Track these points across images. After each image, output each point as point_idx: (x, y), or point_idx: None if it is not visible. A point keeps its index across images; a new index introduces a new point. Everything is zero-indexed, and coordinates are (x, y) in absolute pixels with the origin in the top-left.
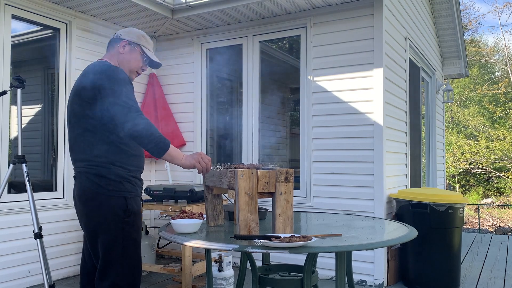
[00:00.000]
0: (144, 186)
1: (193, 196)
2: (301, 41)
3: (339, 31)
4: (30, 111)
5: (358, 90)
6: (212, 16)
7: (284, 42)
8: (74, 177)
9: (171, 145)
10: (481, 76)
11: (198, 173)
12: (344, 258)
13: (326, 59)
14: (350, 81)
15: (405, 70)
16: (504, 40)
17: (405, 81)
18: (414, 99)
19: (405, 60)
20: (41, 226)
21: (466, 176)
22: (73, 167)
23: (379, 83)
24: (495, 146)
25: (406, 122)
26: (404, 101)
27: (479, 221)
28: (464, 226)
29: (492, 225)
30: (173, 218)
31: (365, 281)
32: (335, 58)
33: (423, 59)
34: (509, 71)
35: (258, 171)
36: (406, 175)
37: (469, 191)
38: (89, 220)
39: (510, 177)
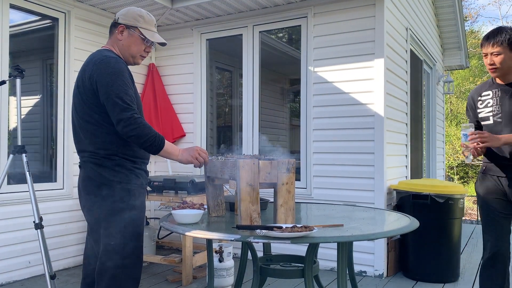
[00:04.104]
0: None
1: (193, 187)
2: (302, 32)
3: (340, 21)
4: (29, 101)
5: (359, 81)
6: (212, 5)
7: (284, 32)
8: (79, 166)
9: (166, 141)
10: (480, 68)
11: (195, 167)
12: (346, 249)
13: (327, 49)
14: (351, 71)
15: (406, 61)
16: None
17: (406, 72)
18: (416, 91)
19: (406, 51)
20: (41, 217)
21: (465, 168)
22: (78, 156)
23: (380, 73)
24: None
25: (407, 113)
26: (405, 92)
27: (477, 212)
28: (463, 218)
29: None
30: (174, 209)
31: (365, 272)
32: (336, 49)
33: (424, 50)
34: None
35: (260, 161)
36: (406, 166)
37: (467, 183)
38: (92, 211)
39: None
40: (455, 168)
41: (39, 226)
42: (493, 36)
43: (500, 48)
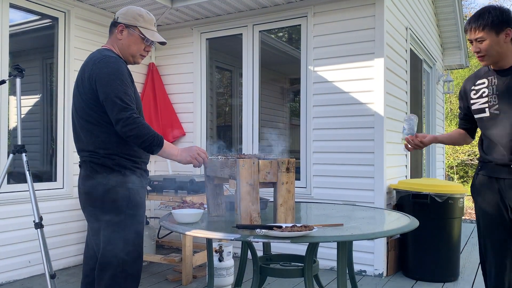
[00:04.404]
0: None
1: (193, 187)
2: (302, 31)
3: (340, 20)
4: (29, 101)
5: (359, 80)
6: (212, 5)
7: (284, 32)
8: (79, 165)
9: (165, 141)
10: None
11: (194, 167)
12: (345, 248)
13: (327, 49)
14: (351, 71)
15: (406, 61)
16: None
17: (406, 71)
18: (415, 90)
19: (406, 50)
20: (41, 216)
21: (465, 168)
22: (78, 156)
23: (380, 73)
24: None
25: (406, 113)
26: (405, 92)
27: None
28: (463, 217)
29: None
30: (174, 208)
31: (365, 271)
32: (336, 48)
33: (424, 50)
34: None
35: (260, 161)
36: (406, 165)
37: (467, 182)
38: (92, 210)
39: None
40: (454, 168)
41: (39, 225)
42: (474, 20)
43: (483, 33)
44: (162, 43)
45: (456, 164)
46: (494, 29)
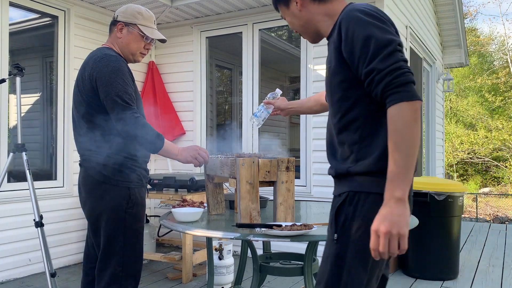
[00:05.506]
0: None
1: (193, 185)
2: None
3: None
4: (29, 99)
5: None
6: (212, 3)
7: (284, 30)
8: (80, 164)
9: (166, 140)
10: (480, 66)
11: (195, 166)
12: None
13: (326, 47)
14: None
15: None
16: (505, 29)
17: None
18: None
19: (406, 49)
20: (41, 215)
21: (465, 166)
22: (78, 154)
23: None
24: (494, 136)
25: None
26: None
27: (476, 210)
28: (462, 215)
29: (489, 214)
30: (174, 207)
31: None
32: None
33: (424, 48)
34: (509, 60)
35: (260, 159)
36: None
37: (467, 181)
38: (92, 209)
39: (508, 166)
40: (454, 166)
41: (39, 224)
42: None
43: (281, 12)
44: (162, 41)
45: (456, 162)
46: (282, 3)
